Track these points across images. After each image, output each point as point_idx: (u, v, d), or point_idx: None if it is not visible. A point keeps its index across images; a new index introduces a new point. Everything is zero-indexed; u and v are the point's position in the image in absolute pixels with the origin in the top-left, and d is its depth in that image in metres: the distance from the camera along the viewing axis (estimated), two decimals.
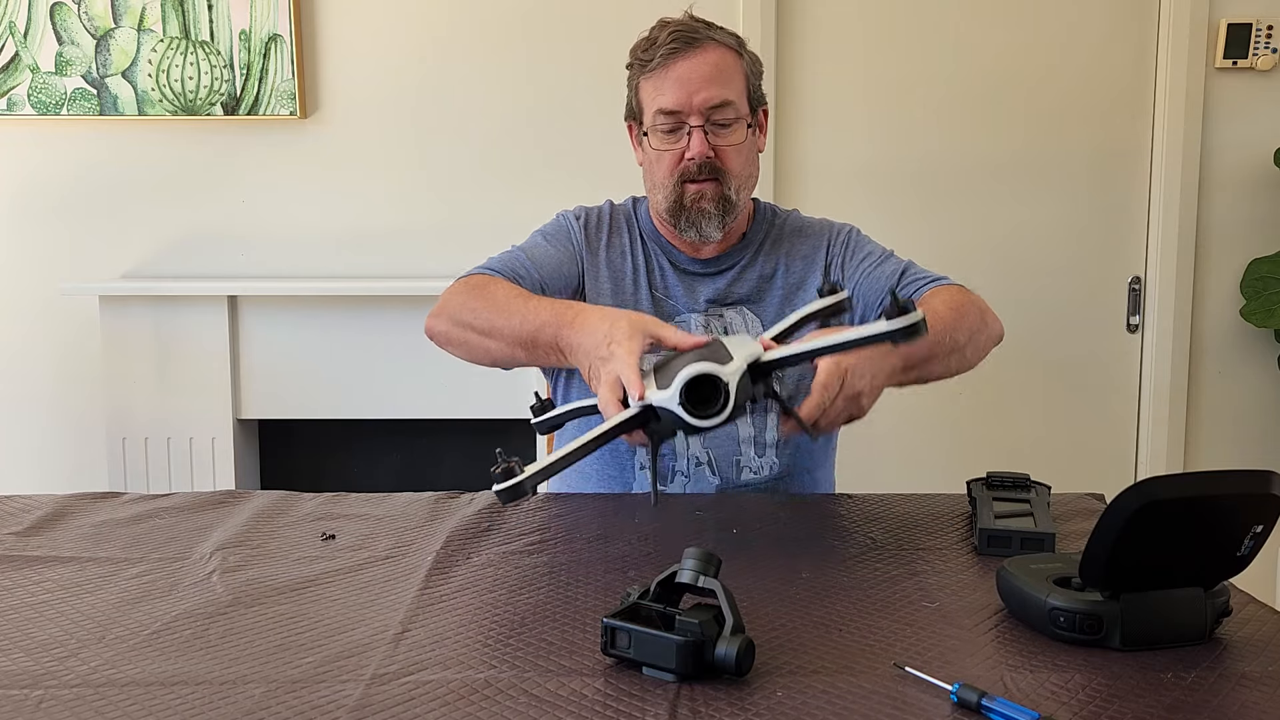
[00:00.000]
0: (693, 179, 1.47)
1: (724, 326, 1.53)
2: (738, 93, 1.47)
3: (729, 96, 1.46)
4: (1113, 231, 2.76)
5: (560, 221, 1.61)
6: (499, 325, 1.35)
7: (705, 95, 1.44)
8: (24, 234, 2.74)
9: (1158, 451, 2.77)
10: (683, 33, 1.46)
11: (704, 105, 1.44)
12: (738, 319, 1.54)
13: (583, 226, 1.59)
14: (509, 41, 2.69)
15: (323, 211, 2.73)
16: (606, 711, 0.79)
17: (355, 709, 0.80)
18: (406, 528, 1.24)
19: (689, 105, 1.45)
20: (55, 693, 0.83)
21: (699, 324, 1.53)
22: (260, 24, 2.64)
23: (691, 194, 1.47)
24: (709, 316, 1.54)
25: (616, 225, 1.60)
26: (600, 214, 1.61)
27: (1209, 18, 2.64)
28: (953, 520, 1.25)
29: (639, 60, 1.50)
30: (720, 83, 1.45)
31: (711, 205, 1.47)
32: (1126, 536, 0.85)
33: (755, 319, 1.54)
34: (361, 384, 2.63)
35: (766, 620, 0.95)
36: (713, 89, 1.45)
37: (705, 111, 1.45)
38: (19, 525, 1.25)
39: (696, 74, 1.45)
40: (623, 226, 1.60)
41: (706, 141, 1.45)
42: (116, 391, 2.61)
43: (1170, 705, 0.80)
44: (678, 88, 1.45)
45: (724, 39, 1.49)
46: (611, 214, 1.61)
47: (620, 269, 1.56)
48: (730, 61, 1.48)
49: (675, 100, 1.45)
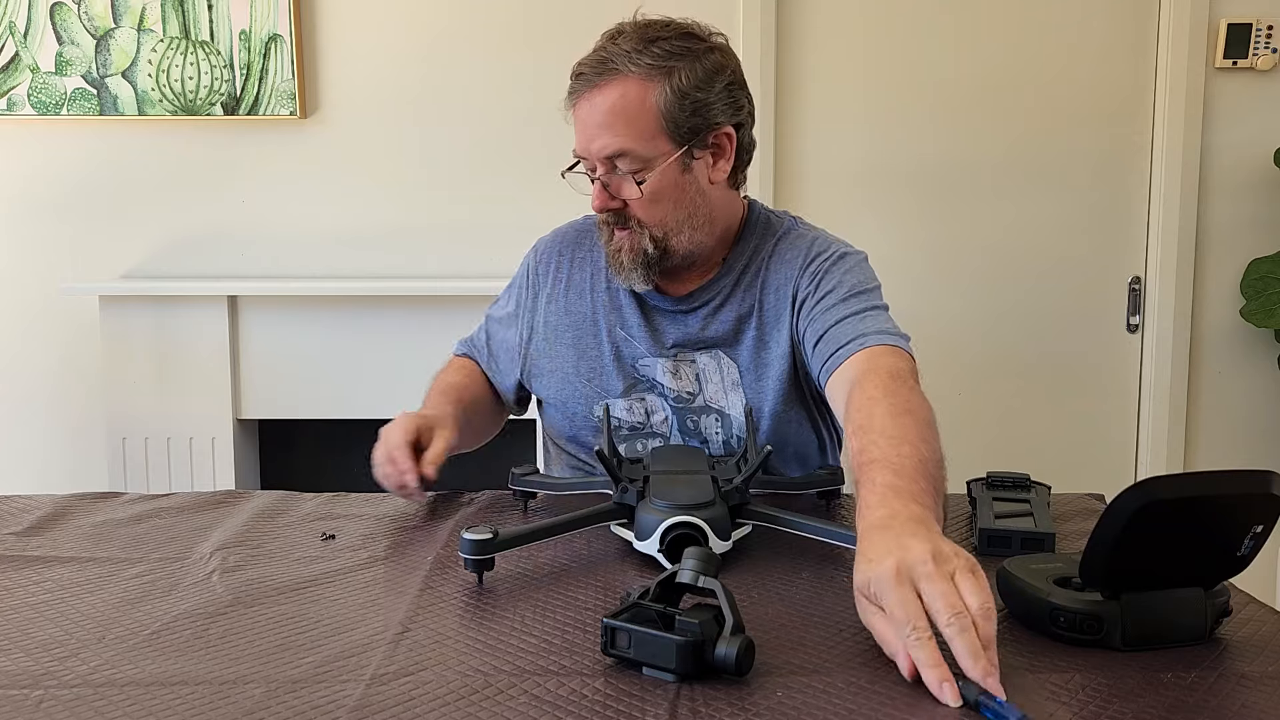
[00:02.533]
0: (610, 226, 1.38)
1: (695, 373, 1.42)
2: (641, 135, 1.30)
3: (623, 145, 1.30)
4: (1113, 231, 2.76)
5: (518, 274, 1.57)
6: None
7: (599, 144, 1.32)
8: (24, 234, 2.74)
9: (1158, 451, 2.77)
10: (588, 67, 1.32)
11: (599, 155, 1.32)
12: (710, 364, 1.41)
13: (535, 271, 1.53)
14: (509, 41, 2.69)
15: (323, 211, 2.73)
16: (606, 711, 0.79)
17: (355, 709, 0.80)
18: (406, 528, 1.24)
19: (588, 152, 1.34)
20: (55, 693, 0.83)
21: (666, 369, 1.42)
22: (260, 24, 2.64)
23: (615, 242, 1.38)
24: (677, 362, 1.42)
25: (580, 259, 1.51)
26: (562, 246, 1.53)
27: (1209, 18, 2.64)
28: (953, 520, 1.25)
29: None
30: (615, 129, 1.30)
31: (628, 257, 1.36)
32: (1126, 536, 0.85)
33: (731, 363, 1.41)
34: (362, 384, 2.63)
35: (766, 620, 0.95)
36: (605, 137, 1.31)
37: (604, 160, 1.33)
38: (19, 525, 1.25)
39: (591, 119, 1.32)
40: (586, 260, 1.50)
41: (606, 192, 1.35)
42: (116, 391, 2.61)
43: (1170, 705, 0.79)
44: (580, 132, 1.34)
45: (640, 69, 1.29)
46: (578, 242, 1.52)
47: (579, 311, 1.48)
48: (634, 99, 1.30)
49: (578, 145, 1.35)
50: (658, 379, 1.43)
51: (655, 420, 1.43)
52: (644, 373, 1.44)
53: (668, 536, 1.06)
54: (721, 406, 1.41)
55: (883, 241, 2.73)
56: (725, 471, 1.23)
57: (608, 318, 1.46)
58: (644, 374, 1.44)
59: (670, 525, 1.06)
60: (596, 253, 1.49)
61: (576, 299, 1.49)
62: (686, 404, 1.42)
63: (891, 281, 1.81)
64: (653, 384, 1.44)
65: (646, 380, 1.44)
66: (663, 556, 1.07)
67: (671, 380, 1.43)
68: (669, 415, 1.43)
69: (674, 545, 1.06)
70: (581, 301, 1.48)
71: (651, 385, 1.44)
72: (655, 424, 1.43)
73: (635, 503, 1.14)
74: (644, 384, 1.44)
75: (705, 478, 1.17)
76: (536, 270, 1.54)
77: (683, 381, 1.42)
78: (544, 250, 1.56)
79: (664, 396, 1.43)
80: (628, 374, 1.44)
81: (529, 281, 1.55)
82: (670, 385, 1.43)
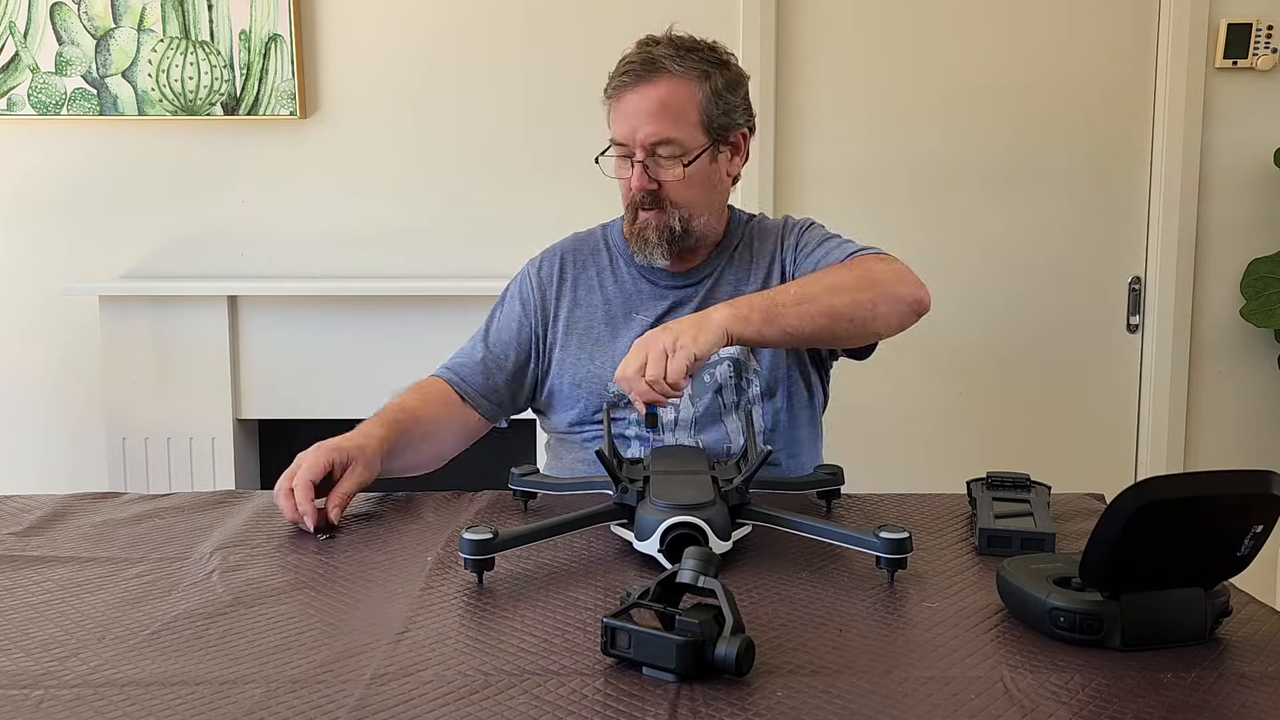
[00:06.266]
0: (642, 207, 1.52)
1: None
2: (686, 127, 1.49)
3: (671, 134, 1.48)
4: (1113, 231, 2.76)
5: (514, 282, 1.67)
6: None
7: (647, 131, 1.48)
8: (24, 234, 2.74)
9: (1158, 451, 2.77)
10: (636, 65, 1.49)
11: (646, 141, 1.48)
12: None
13: (538, 275, 1.64)
14: (509, 41, 2.69)
15: (323, 211, 2.73)
16: (606, 711, 0.79)
17: (355, 709, 0.80)
18: (406, 528, 1.24)
19: (633, 139, 1.49)
20: (55, 693, 0.83)
21: None
22: (260, 24, 2.64)
23: (640, 221, 1.53)
24: None
25: (583, 261, 1.64)
26: (561, 255, 1.65)
27: (1209, 18, 2.64)
28: (953, 520, 1.25)
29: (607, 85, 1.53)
30: (665, 119, 1.48)
31: (654, 234, 1.52)
32: (1126, 536, 0.85)
33: None
34: (362, 384, 2.63)
35: (766, 620, 0.95)
36: (654, 125, 1.48)
37: (648, 146, 1.49)
38: (19, 525, 1.25)
39: (641, 109, 1.48)
40: (590, 261, 1.63)
41: (647, 175, 1.50)
42: (116, 391, 2.61)
43: (1170, 705, 0.80)
44: (624, 121, 1.50)
45: (685, 69, 1.49)
46: (576, 249, 1.65)
47: (593, 303, 1.60)
48: (683, 95, 1.48)
49: (621, 133, 1.50)
50: None
51: None
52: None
53: (668, 536, 1.06)
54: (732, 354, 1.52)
55: (882, 241, 2.71)
56: (725, 472, 1.23)
57: (625, 305, 1.59)
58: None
59: (670, 525, 1.06)
60: (599, 255, 1.64)
61: (585, 294, 1.61)
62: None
63: None
64: None
65: None
66: (663, 556, 1.07)
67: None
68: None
69: (674, 545, 1.06)
70: (591, 295, 1.61)
71: None
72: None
73: (635, 503, 1.14)
74: None
75: (705, 478, 1.17)
76: (539, 274, 1.64)
77: None
78: (544, 260, 1.66)
79: None
80: None
81: (534, 285, 1.64)
82: None
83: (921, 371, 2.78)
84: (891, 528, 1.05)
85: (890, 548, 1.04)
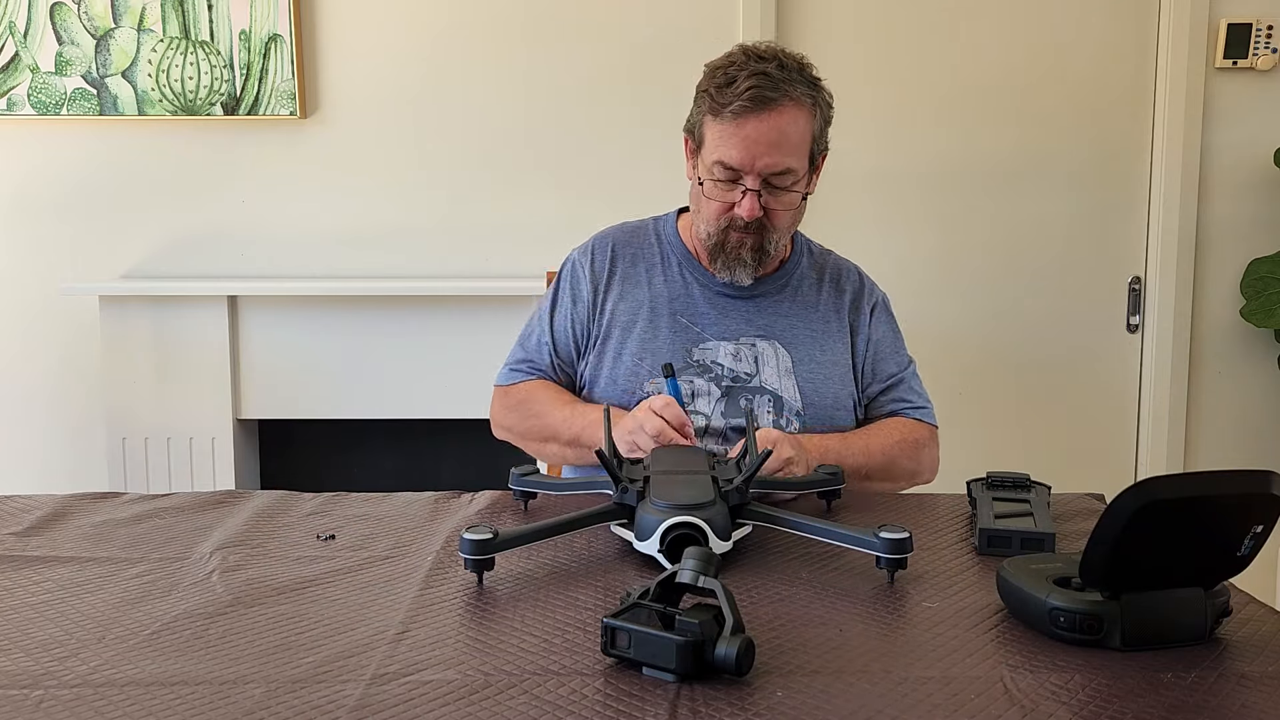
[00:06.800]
0: (738, 229, 1.49)
1: (755, 355, 1.54)
2: (800, 156, 1.46)
3: (790, 164, 1.45)
4: (1113, 231, 2.76)
5: (565, 274, 1.64)
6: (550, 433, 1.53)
7: (767, 161, 1.44)
8: (24, 234, 2.74)
9: (1158, 451, 2.77)
10: (761, 88, 1.42)
11: (765, 170, 1.44)
12: (769, 350, 1.55)
13: (589, 267, 1.62)
14: (509, 42, 2.69)
15: (323, 211, 2.73)
16: (606, 711, 0.79)
17: (355, 709, 0.80)
18: (406, 528, 1.24)
19: (750, 167, 1.44)
20: (55, 693, 0.83)
21: (729, 352, 1.53)
22: (260, 24, 2.64)
23: (734, 241, 1.50)
24: (739, 345, 1.54)
25: (632, 254, 1.62)
26: (613, 245, 1.63)
27: (1209, 18, 2.64)
28: (953, 520, 1.25)
29: (712, 99, 1.46)
30: (786, 149, 1.44)
31: (749, 255, 1.50)
32: (1126, 536, 0.85)
33: (785, 353, 1.55)
34: (361, 384, 2.63)
35: (766, 620, 0.95)
36: (776, 155, 1.44)
37: (765, 175, 1.45)
38: (19, 525, 1.25)
39: (765, 138, 1.43)
40: (639, 256, 1.61)
41: (759, 204, 1.46)
42: (116, 391, 2.61)
43: (1170, 705, 0.80)
44: (742, 148, 1.44)
45: (801, 94, 1.45)
46: (627, 241, 1.63)
47: (638, 299, 1.58)
48: (802, 123, 1.45)
49: (738, 160, 1.44)
50: (719, 359, 1.53)
51: (698, 402, 1.50)
52: (702, 355, 1.53)
53: (668, 537, 1.06)
54: (775, 389, 1.53)
55: (883, 241, 2.73)
56: (725, 472, 1.23)
57: (670, 305, 1.57)
58: (699, 357, 1.53)
59: (670, 525, 1.06)
60: (649, 249, 1.62)
61: (632, 288, 1.59)
62: (743, 383, 1.52)
63: (892, 281, 1.82)
64: (707, 367, 1.52)
65: (699, 364, 1.53)
66: (663, 556, 1.07)
67: (732, 361, 1.53)
68: (716, 397, 1.51)
69: (674, 545, 1.06)
70: (638, 290, 1.59)
71: (705, 369, 1.52)
72: (697, 405, 1.50)
73: (635, 503, 1.14)
74: (694, 368, 1.52)
75: (705, 478, 1.17)
76: (592, 267, 1.62)
77: (742, 363, 1.54)
78: (596, 250, 1.63)
79: (716, 379, 1.51)
80: (681, 357, 1.53)
81: (587, 277, 1.61)
82: (730, 366, 1.52)
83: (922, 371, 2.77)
84: (891, 528, 1.05)
85: (890, 548, 1.04)
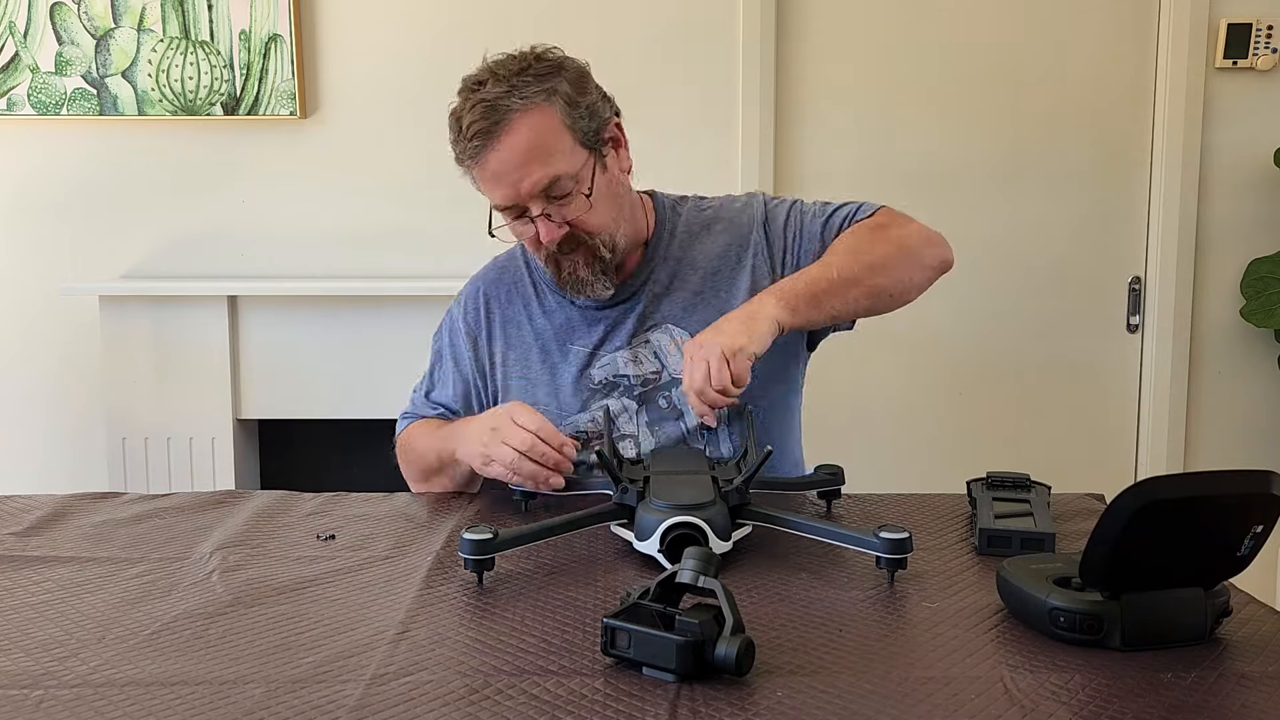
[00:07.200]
0: (561, 254, 1.40)
1: (653, 350, 1.46)
2: (565, 155, 1.34)
3: (554, 171, 1.33)
4: (1113, 231, 2.76)
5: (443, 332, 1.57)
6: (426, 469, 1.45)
7: (529, 184, 1.33)
8: (24, 234, 2.74)
9: (1158, 451, 2.77)
10: (482, 119, 1.32)
11: (533, 191, 1.34)
12: (663, 339, 1.46)
13: (463, 320, 1.54)
14: (509, 42, 2.67)
15: (323, 211, 2.73)
16: (606, 711, 0.79)
17: (355, 709, 0.80)
18: (406, 528, 1.24)
19: (519, 197, 1.35)
20: (55, 693, 0.83)
21: (626, 359, 1.45)
22: (260, 24, 2.64)
23: (566, 266, 1.41)
24: (634, 349, 1.46)
25: (506, 294, 1.53)
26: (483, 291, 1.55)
27: (1209, 18, 2.64)
28: (953, 520, 1.25)
29: (455, 150, 1.39)
30: (539, 161, 1.33)
31: (588, 271, 1.40)
32: (1126, 536, 0.85)
33: (683, 331, 1.45)
34: (361, 384, 2.63)
35: (766, 620, 0.95)
36: (533, 171, 1.33)
37: (539, 195, 1.35)
38: (19, 525, 1.25)
39: (510, 164, 1.33)
40: (514, 294, 1.53)
41: (553, 224, 1.36)
42: (116, 391, 2.61)
43: (1170, 705, 0.79)
44: (498, 184, 1.35)
45: (529, 96, 1.32)
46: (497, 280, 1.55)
47: (525, 342, 1.50)
48: (544, 125, 1.33)
49: (502, 197, 1.36)
50: (622, 371, 1.45)
51: (620, 421, 1.45)
52: (603, 374, 1.46)
53: (668, 537, 1.06)
54: None
55: None
56: (725, 472, 1.23)
57: (556, 338, 1.49)
58: (602, 377, 1.46)
59: (670, 525, 1.06)
60: (522, 284, 1.54)
61: (516, 332, 1.51)
62: (654, 384, 1.45)
63: None
64: (612, 384, 1.46)
65: (603, 386, 1.46)
66: (663, 556, 1.07)
67: (633, 367, 1.45)
68: (634, 410, 1.45)
69: (674, 545, 1.06)
70: (522, 333, 1.51)
71: (611, 386, 1.46)
72: (623, 428, 1.45)
73: (635, 503, 1.14)
74: (600, 391, 1.46)
75: (705, 478, 1.17)
76: (465, 321, 1.55)
77: (644, 365, 1.46)
78: (466, 304, 1.56)
79: (627, 391, 1.45)
80: (582, 389, 1.46)
81: (465, 337, 1.54)
82: (634, 372, 1.45)
83: (922, 371, 2.78)
84: (891, 528, 1.05)
85: (890, 548, 1.04)
